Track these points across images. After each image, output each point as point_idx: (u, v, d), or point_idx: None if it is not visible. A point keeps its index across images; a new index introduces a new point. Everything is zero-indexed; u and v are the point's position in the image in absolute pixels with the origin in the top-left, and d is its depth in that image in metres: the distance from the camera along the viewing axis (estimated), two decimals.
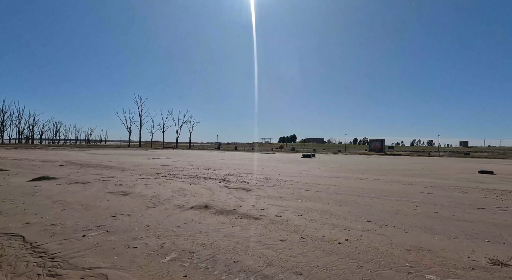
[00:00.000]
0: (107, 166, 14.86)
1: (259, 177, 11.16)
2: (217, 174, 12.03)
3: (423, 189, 8.55)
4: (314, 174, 12.90)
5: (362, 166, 18.52)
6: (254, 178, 10.80)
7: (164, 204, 5.80)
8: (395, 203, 6.25)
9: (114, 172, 11.90)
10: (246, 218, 4.75)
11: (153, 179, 9.74)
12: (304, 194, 7.36)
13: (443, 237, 3.82)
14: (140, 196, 6.61)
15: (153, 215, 4.84)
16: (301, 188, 8.41)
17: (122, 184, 8.51)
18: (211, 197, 6.68)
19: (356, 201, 6.48)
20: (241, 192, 7.52)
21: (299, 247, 3.37)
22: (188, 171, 13.15)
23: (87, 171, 12.40)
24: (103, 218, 4.59)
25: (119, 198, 6.33)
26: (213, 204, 5.86)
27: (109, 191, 7.14)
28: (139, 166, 15.22)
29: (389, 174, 13.40)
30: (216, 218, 4.70)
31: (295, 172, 13.72)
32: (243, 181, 9.73)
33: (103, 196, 6.53)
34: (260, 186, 8.69)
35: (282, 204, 5.95)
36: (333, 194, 7.42)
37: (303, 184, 9.31)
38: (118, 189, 7.46)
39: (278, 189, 8.13)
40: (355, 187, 8.83)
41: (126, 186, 8.02)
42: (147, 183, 8.82)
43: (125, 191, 7.17)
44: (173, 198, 6.40)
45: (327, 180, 10.59)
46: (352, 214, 5.13)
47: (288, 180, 10.33)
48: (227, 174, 11.91)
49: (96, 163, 17.20)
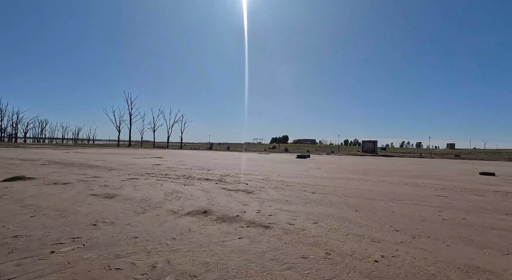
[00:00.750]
0: (92, 165, 13.82)
1: (258, 177, 10.46)
2: (212, 174, 11.25)
3: (435, 191, 8.04)
4: (314, 174, 12.29)
5: (360, 167, 18.09)
6: (252, 178, 10.08)
7: (156, 208, 5.02)
8: (414, 208, 5.66)
9: (100, 172, 10.94)
10: (254, 226, 4.04)
11: (143, 180, 8.89)
12: (311, 196, 6.71)
13: (494, 251, 3.22)
14: (128, 199, 5.79)
15: (143, 223, 4.07)
16: (305, 190, 7.75)
17: (108, 185, 7.64)
18: (209, 200, 5.93)
19: (370, 205, 5.87)
20: (241, 194, 6.80)
21: (328, 268, 2.68)
22: (181, 171, 12.31)
23: (70, 170, 11.39)
24: (80, 227, 3.79)
25: (103, 201, 5.50)
26: (212, 208, 5.12)
27: (92, 193, 6.27)
28: (127, 166, 14.24)
29: (391, 175, 12.95)
30: (218, 227, 3.96)
31: (294, 172, 13.08)
32: (242, 182, 9.01)
33: (84, 199, 5.68)
34: (261, 187, 7.99)
35: (291, 209, 5.26)
36: (342, 196, 6.80)
37: (307, 185, 8.66)
38: (103, 191, 6.60)
39: (281, 191, 7.45)
40: (363, 189, 8.24)
41: (112, 187, 7.16)
42: (136, 184, 7.97)
43: (111, 193, 6.33)
44: (165, 202, 5.61)
45: (330, 181, 9.99)
46: (374, 221, 4.49)
47: (289, 181, 9.67)
48: (223, 174, 11.15)
49: (81, 162, 16.09)
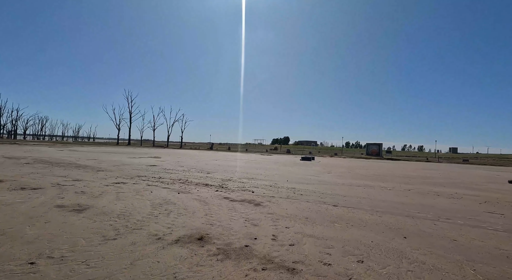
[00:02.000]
0: (81, 165, 12.52)
1: (265, 183, 9.13)
2: (212, 178, 9.93)
3: (479, 206, 6.70)
4: (326, 180, 10.95)
5: (372, 171, 16.73)
6: (258, 184, 8.76)
7: (134, 231, 3.70)
8: (477, 233, 4.32)
9: (85, 173, 9.64)
10: (273, 268, 2.70)
11: (131, 185, 7.57)
12: (335, 212, 5.38)
13: None
14: (102, 213, 4.47)
15: (107, 259, 2.75)
16: (324, 201, 6.43)
17: (86, 191, 6.33)
18: (208, 216, 4.60)
19: (416, 226, 4.53)
20: (247, 206, 5.48)
21: None
22: (177, 173, 10.99)
23: (53, 171, 10.09)
24: (10, 266, 2.48)
25: (68, 217, 4.18)
26: (211, 231, 3.79)
27: (59, 204, 4.96)
28: (119, 166, 12.93)
29: (412, 182, 11.59)
30: (219, 270, 2.63)
31: (303, 177, 11.75)
32: (247, 189, 7.68)
33: (45, 213, 4.36)
34: (270, 197, 6.67)
35: (317, 233, 3.93)
36: (374, 212, 5.46)
37: (324, 194, 7.33)
38: (75, 201, 5.28)
39: (296, 202, 6.12)
40: (392, 200, 6.91)
41: (90, 195, 5.85)
42: (120, 190, 6.66)
43: (83, 204, 5.01)
44: (150, 219, 4.29)
45: (349, 189, 8.65)
46: (442, 259, 3.15)
47: (301, 188, 8.34)
48: (225, 179, 9.83)
49: (70, 161, 14.80)
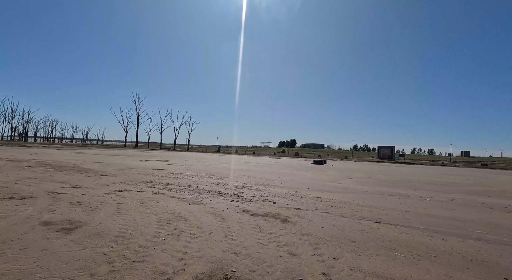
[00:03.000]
0: (83, 169, 11.77)
1: (284, 191, 8.12)
2: (225, 184, 8.97)
3: None
4: (351, 187, 9.86)
5: (393, 176, 15.50)
6: (278, 193, 7.76)
7: (134, 264, 2.75)
8: None
9: (86, 178, 8.82)
10: None
11: (135, 193, 6.68)
12: (383, 232, 4.33)
13: None
14: (96, 234, 3.55)
15: None
16: (361, 215, 5.38)
17: (83, 201, 5.44)
18: (229, 239, 3.63)
19: (507, 258, 3.45)
20: (274, 223, 4.48)
21: None
22: (186, 178, 10.08)
23: (53, 175, 9.32)
24: None
25: (51, 241, 3.27)
26: (238, 267, 2.80)
27: (46, 220, 4.06)
28: (124, 170, 12.13)
29: (446, 190, 10.38)
30: None
31: (323, 183, 10.68)
32: (266, 199, 6.69)
33: (24, 234, 3.46)
34: (296, 209, 5.66)
35: (383, 272, 2.90)
36: (431, 232, 4.39)
37: (357, 206, 6.28)
38: (67, 215, 4.38)
39: (329, 218, 5.09)
40: (441, 215, 5.79)
41: (86, 207, 4.95)
42: (123, 200, 5.76)
43: (75, 221, 4.10)
44: (156, 244, 3.34)
45: (381, 199, 7.56)
46: None
47: (327, 198, 7.29)
48: (239, 186, 8.86)
49: (74, 164, 14.10)
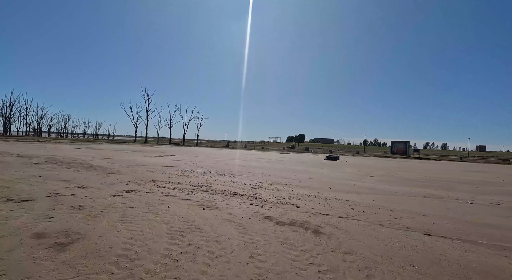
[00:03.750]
0: (92, 166, 11.35)
1: (305, 192, 7.38)
2: (239, 184, 8.30)
3: None
4: (377, 187, 9.00)
5: (417, 174, 14.46)
6: (298, 194, 7.02)
7: None
8: None
9: (93, 177, 8.32)
10: None
11: (143, 194, 6.08)
12: (442, 249, 3.53)
13: None
14: (95, 252, 2.92)
15: None
16: (403, 224, 4.58)
17: (86, 205, 4.86)
18: (256, 261, 2.92)
19: None
20: (305, 236, 3.75)
21: None
22: (198, 177, 9.47)
23: (59, 173, 8.88)
24: None
25: (38, 262, 2.64)
26: None
27: (39, 231, 3.47)
28: (133, 167, 11.65)
29: (483, 191, 9.38)
30: None
31: (344, 182, 9.86)
32: (288, 202, 5.97)
33: (9, 252, 2.84)
34: (325, 215, 4.91)
35: None
36: (501, 250, 3.56)
37: (393, 212, 5.47)
38: (64, 225, 3.78)
39: (368, 228, 4.32)
40: (500, 225, 4.92)
41: (88, 213, 4.36)
42: (129, 203, 5.15)
43: (73, 232, 3.48)
44: (166, 267, 2.66)
45: (415, 202, 6.70)
46: None
47: (356, 201, 6.50)
48: (255, 185, 8.16)
49: (83, 160, 13.76)
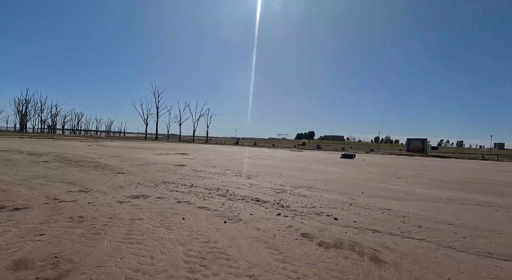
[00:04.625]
0: (100, 165, 10.74)
1: (336, 198, 6.43)
2: (259, 187, 7.42)
3: None
4: (416, 192, 7.93)
5: (449, 175, 13.20)
6: (329, 200, 6.07)
7: None
8: None
9: (100, 178, 7.64)
10: None
11: (153, 201, 5.29)
12: None
13: None
14: None
15: None
16: (484, 248, 3.58)
17: (87, 216, 4.10)
18: None
19: None
20: (364, 268, 2.83)
21: None
22: (212, 178, 8.66)
23: (65, 173, 8.26)
24: None
25: None
26: None
27: (21, 258, 2.67)
28: (143, 166, 10.97)
29: None
30: None
31: (375, 185, 8.83)
32: (322, 212, 5.04)
33: None
34: (374, 232, 3.96)
35: None
36: None
37: (457, 228, 4.45)
38: (56, 247, 2.99)
39: (439, 253, 3.34)
40: None
41: (87, 227, 3.57)
42: (138, 213, 4.36)
43: (63, 261, 2.67)
44: None
45: (475, 213, 5.63)
46: None
47: (401, 210, 5.50)
48: (277, 189, 7.27)
49: (92, 159, 13.23)
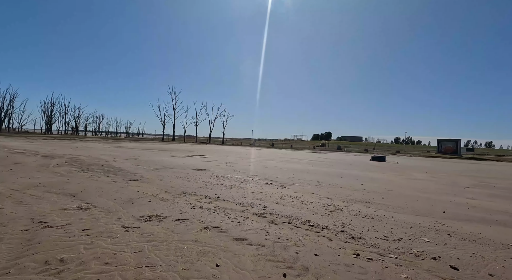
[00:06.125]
0: (113, 169, 9.58)
1: (414, 221, 4.68)
2: (303, 202, 5.81)
3: None
4: (510, 209, 6.00)
5: None
6: (411, 225, 4.35)
7: None
8: None
9: (109, 186, 6.36)
10: None
11: (172, 224, 3.82)
12: None
13: None
14: None
15: None
16: None
17: (71, 259, 2.68)
18: None
19: None
20: None
21: None
22: (240, 187, 7.16)
23: (70, 180, 7.10)
24: None
25: None
26: None
27: None
28: (159, 171, 9.69)
29: None
30: None
31: (450, 200, 6.94)
32: (423, 252, 3.35)
33: None
34: None
35: None
36: None
37: None
38: None
39: None
40: None
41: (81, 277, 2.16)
42: (149, 249, 2.90)
43: None
44: None
45: None
46: None
47: None
48: (327, 205, 5.62)
49: (106, 161, 12.20)
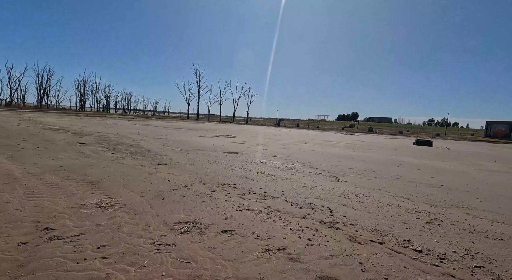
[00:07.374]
0: (140, 151, 8.84)
1: None
2: (379, 204, 4.46)
3: None
4: None
5: None
6: None
7: None
8: None
9: (137, 172, 5.48)
10: None
11: (217, 238, 2.70)
12: None
13: None
14: None
15: None
16: None
17: None
18: None
19: None
20: None
21: None
22: (286, 177, 5.94)
23: (94, 164, 6.36)
24: None
25: None
26: None
27: None
28: (189, 153, 8.78)
29: None
30: None
31: None
32: None
33: None
34: None
35: None
36: None
37: None
38: None
39: None
40: None
41: None
42: None
43: None
44: None
45: None
46: None
47: None
48: (412, 210, 4.22)
49: (134, 140, 11.61)
